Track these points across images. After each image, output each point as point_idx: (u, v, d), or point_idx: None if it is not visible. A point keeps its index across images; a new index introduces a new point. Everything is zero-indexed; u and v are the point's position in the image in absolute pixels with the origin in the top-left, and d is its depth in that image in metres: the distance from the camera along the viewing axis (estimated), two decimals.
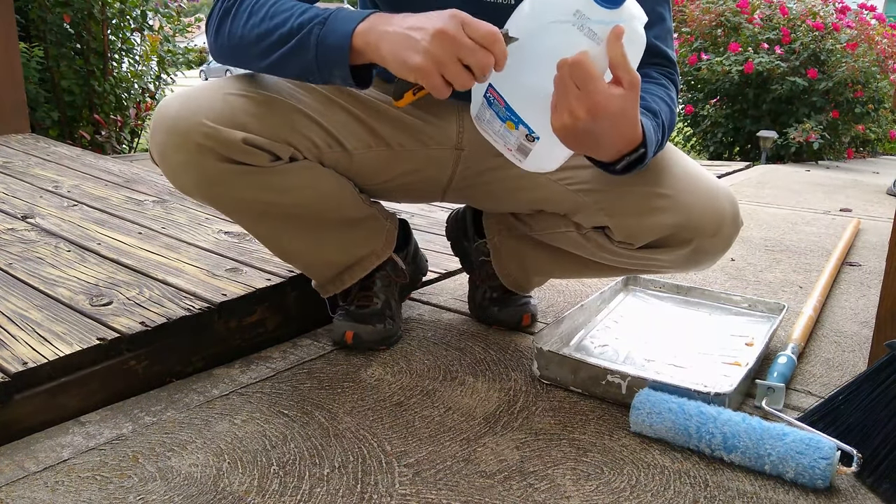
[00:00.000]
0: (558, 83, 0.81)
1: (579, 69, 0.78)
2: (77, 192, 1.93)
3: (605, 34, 0.78)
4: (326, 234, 1.11)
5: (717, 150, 5.60)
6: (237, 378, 1.09)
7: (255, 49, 0.92)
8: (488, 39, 0.79)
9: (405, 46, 0.80)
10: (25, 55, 3.46)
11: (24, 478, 0.82)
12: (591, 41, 0.79)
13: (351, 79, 0.88)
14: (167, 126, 0.93)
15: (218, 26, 0.96)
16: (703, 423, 0.91)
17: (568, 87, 0.79)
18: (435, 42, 0.79)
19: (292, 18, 0.88)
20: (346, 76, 0.87)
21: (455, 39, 0.78)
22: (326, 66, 0.88)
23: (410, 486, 0.83)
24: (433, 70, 0.80)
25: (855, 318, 1.47)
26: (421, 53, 0.79)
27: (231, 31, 0.94)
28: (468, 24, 0.79)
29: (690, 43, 5.62)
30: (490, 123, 0.90)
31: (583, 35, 0.79)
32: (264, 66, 0.94)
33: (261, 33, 0.91)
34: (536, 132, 0.87)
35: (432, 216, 2.10)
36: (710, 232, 1.01)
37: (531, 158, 0.90)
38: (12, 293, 1.17)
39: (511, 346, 1.25)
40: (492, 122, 0.90)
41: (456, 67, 0.79)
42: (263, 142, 0.95)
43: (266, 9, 0.91)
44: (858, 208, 2.82)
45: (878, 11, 5.65)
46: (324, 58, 0.87)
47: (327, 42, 0.86)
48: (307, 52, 0.87)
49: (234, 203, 1.02)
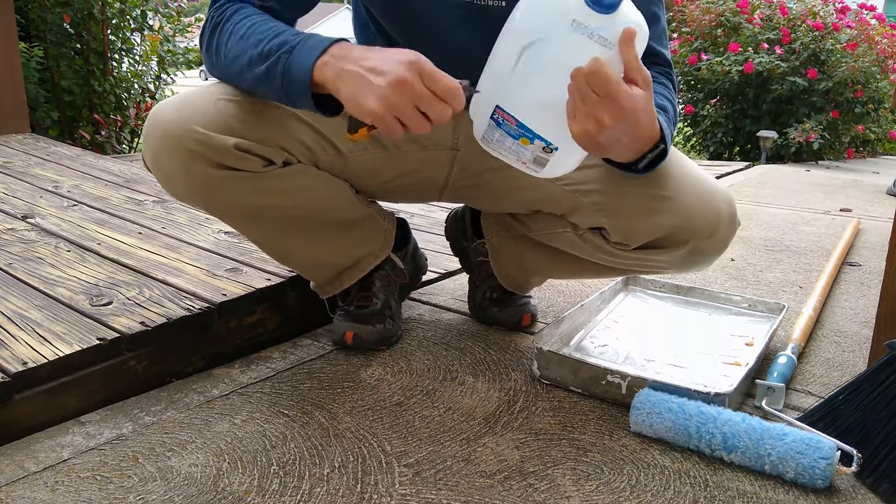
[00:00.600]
0: (574, 92, 0.80)
1: (598, 77, 0.77)
2: (77, 192, 1.93)
3: (615, 38, 0.78)
4: (323, 235, 1.11)
5: (717, 150, 5.60)
6: (237, 378, 1.09)
7: (233, 68, 0.93)
8: (447, 94, 0.79)
9: (362, 89, 0.80)
10: (25, 55, 3.46)
11: (24, 478, 0.82)
12: (602, 47, 0.79)
13: (316, 109, 0.87)
14: (160, 132, 0.93)
15: (208, 41, 0.96)
16: (703, 423, 0.91)
17: (587, 96, 0.79)
18: (393, 90, 0.78)
19: (263, 43, 0.88)
20: (312, 106, 0.87)
21: (414, 89, 0.78)
22: (292, 95, 0.87)
23: (410, 486, 0.83)
24: (389, 116, 0.80)
25: (855, 318, 1.47)
26: (378, 99, 0.79)
27: (217, 46, 0.94)
28: (427, 76, 0.79)
29: (690, 43, 5.62)
30: (500, 142, 0.89)
31: (593, 42, 0.79)
32: (245, 86, 0.95)
33: (237, 53, 0.91)
34: (554, 143, 0.86)
35: (432, 216, 2.10)
36: (707, 233, 1.01)
37: (548, 168, 0.89)
38: (12, 293, 1.17)
39: (511, 346, 1.25)
40: (502, 141, 0.89)
41: (413, 114, 0.79)
42: (256, 147, 0.95)
43: (246, 28, 0.91)
44: (858, 208, 2.82)
45: (878, 11, 5.65)
46: (288, 88, 0.86)
47: (290, 73, 0.85)
48: (274, 80, 0.87)
49: (228, 208, 1.02)
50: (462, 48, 1.02)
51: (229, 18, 0.94)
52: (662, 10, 1.07)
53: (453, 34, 1.02)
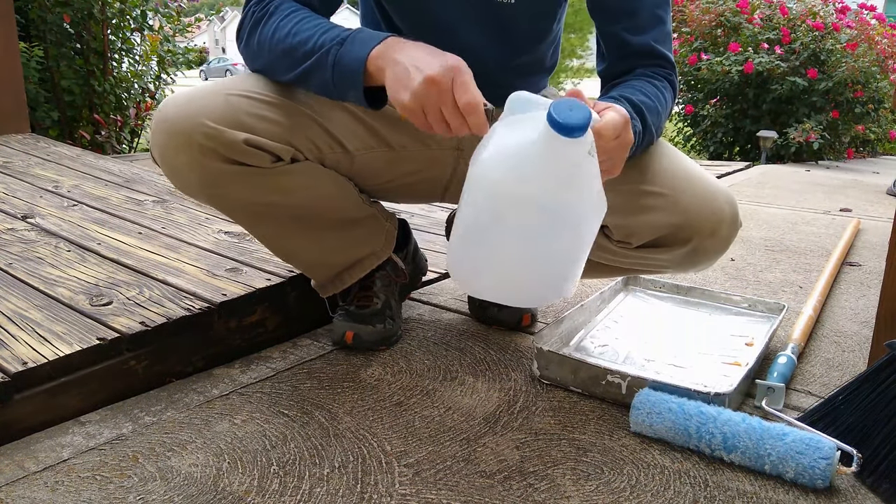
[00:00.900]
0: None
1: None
2: (77, 192, 1.93)
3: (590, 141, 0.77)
4: (327, 234, 1.11)
5: (717, 150, 5.60)
6: (237, 378, 1.09)
7: (280, 63, 0.96)
8: (466, 108, 0.81)
9: (401, 81, 0.84)
10: (25, 55, 3.46)
11: (24, 478, 0.82)
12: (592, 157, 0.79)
13: (364, 100, 0.90)
14: (169, 127, 0.93)
15: (248, 35, 0.99)
16: (703, 423, 0.91)
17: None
18: (424, 87, 0.82)
19: (314, 37, 0.91)
20: (360, 97, 0.90)
21: (441, 93, 0.81)
22: (342, 85, 0.90)
23: (410, 486, 0.83)
24: (419, 110, 0.83)
25: (855, 318, 1.47)
26: (410, 93, 0.82)
27: (260, 41, 0.97)
28: (458, 85, 0.81)
29: (690, 43, 5.62)
30: None
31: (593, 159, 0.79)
32: (288, 79, 0.97)
33: (285, 49, 0.94)
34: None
35: (432, 216, 2.10)
36: (709, 232, 1.01)
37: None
38: (12, 293, 1.17)
39: (511, 346, 1.25)
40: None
41: (437, 116, 0.83)
42: (265, 143, 0.96)
43: (292, 25, 0.94)
44: (858, 208, 2.82)
45: (878, 11, 5.64)
46: (340, 78, 0.90)
47: (343, 63, 0.88)
48: (325, 71, 0.90)
49: (234, 203, 1.02)
50: (470, 42, 1.04)
51: (273, 13, 0.96)
52: (668, 14, 1.08)
53: (461, 28, 1.03)
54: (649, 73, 1.04)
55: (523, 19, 1.06)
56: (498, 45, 1.07)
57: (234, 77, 1.01)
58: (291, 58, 0.93)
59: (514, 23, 1.05)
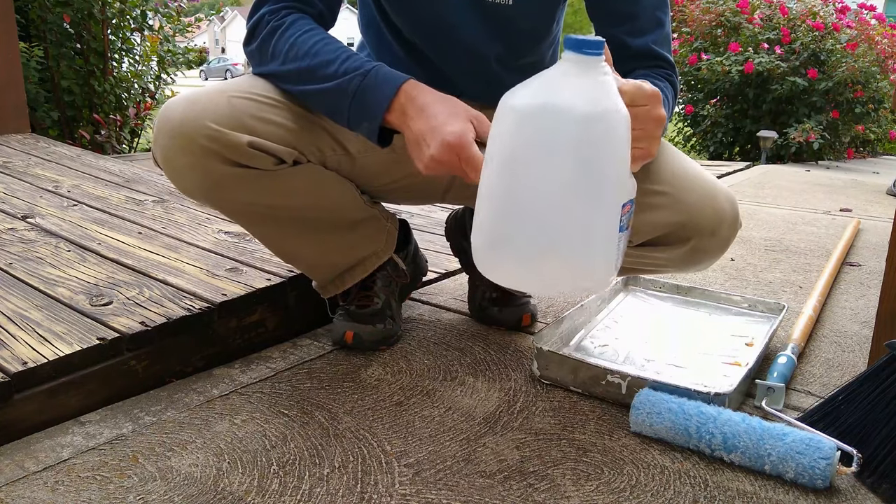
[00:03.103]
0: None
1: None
2: (77, 192, 1.93)
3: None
4: (328, 235, 1.11)
5: (717, 150, 5.61)
6: (237, 378, 1.09)
7: (292, 76, 0.97)
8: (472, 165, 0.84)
9: (415, 149, 0.89)
10: (25, 55, 3.46)
11: (24, 478, 0.82)
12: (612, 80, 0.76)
13: (376, 136, 0.92)
14: (171, 129, 0.93)
15: (262, 41, 0.99)
16: (703, 423, 0.91)
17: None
18: (433, 162, 0.86)
19: (337, 62, 0.93)
20: (374, 130, 0.92)
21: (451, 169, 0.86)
22: (358, 115, 0.92)
23: (410, 486, 0.83)
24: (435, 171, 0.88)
25: (855, 318, 1.47)
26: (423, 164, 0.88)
27: (274, 51, 0.98)
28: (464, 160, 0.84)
29: (690, 43, 5.62)
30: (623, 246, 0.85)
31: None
32: (295, 91, 0.98)
33: (304, 67, 0.95)
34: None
35: (432, 216, 2.10)
36: (709, 231, 1.01)
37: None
38: (12, 293, 1.17)
39: (511, 346, 1.25)
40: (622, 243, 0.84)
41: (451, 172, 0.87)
42: (269, 145, 0.95)
43: (312, 42, 0.95)
44: (858, 208, 2.82)
45: (878, 11, 5.65)
46: (358, 108, 0.91)
47: (365, 98, 0.90)
48: (343, 97, 0.92)
49: (237, 206, 1.02)
50: (470, 42, 1.04)
51: (290, 26, 0.97)
52: (667, 16, 1.08)
53: (462, 28, 1.03)
54: (650, 73, 1.05)
55: (521, 20, 1.06)
56: (498, 46, 1.07)
57: (238, 79, 1.01)
58: (310, 75, 0.94)
59: (513, 24, 1.06)
